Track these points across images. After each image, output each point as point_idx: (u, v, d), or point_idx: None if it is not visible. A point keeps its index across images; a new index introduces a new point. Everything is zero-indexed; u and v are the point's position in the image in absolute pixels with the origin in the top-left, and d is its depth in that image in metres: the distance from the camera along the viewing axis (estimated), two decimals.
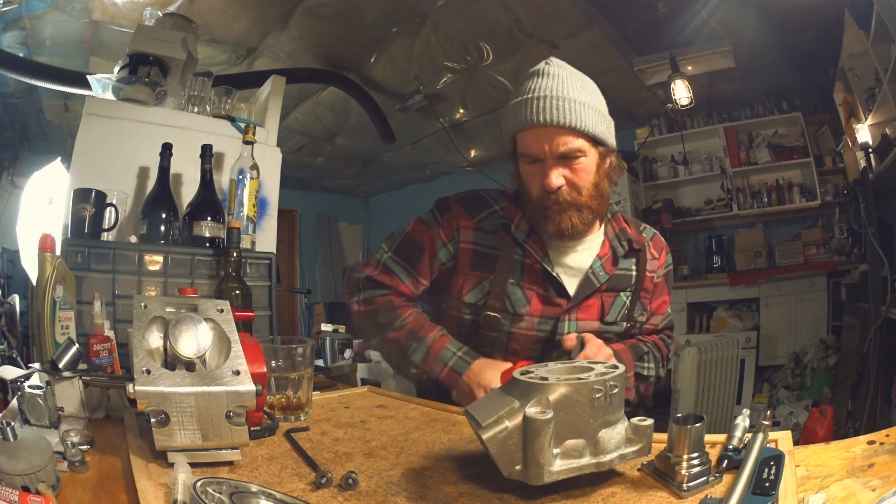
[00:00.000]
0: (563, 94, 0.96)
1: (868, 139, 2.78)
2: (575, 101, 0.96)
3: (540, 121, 0.95)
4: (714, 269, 3.93)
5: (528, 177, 1.03)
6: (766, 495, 0.50)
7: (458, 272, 1.08)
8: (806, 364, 3.32)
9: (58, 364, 0.70)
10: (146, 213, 1.32)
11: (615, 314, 1.09)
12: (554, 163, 0.98)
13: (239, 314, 0.77)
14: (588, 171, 1.01)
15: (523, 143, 1.01)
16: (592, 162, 1.01)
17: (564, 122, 0.95)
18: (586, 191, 1.01)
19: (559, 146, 0.97)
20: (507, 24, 2.83)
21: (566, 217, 1.01)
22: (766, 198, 3.83)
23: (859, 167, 3.01)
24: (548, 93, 0.96)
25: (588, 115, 0.97)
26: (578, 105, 0.96)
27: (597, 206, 1.03)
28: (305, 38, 2.90)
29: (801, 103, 3.69)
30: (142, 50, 1.50)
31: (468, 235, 1.08)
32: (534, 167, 1.01)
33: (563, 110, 0.95)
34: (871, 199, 2.95)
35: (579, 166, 0.99)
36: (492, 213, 1.09)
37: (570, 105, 0.96)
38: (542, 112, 0.95)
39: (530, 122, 0.96)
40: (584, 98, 0.98)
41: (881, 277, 2.73)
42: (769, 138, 3.79)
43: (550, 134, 0.96)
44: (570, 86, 0.98)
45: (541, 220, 1.03)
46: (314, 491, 0.57)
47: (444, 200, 1.13)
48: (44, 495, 0.50)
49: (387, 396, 1.03)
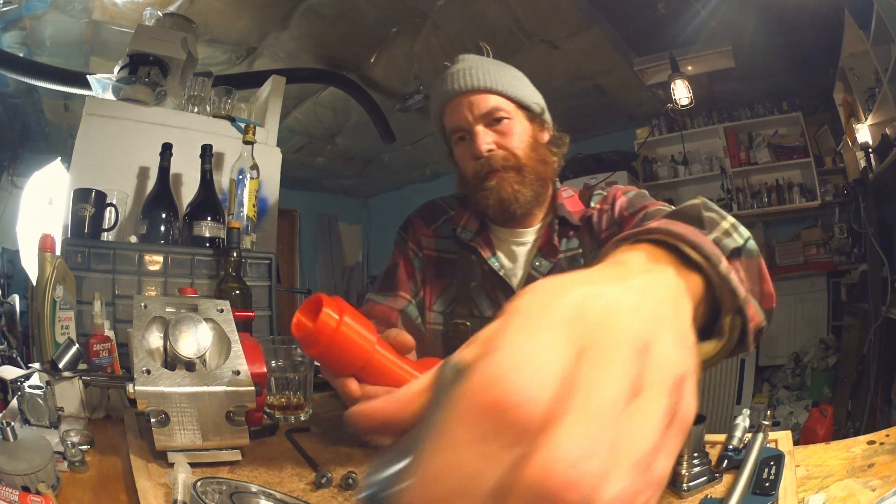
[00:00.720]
0: (474, 64, 0.98)
1: (868, 139, 2.78)
2: (488, 68, 0.98)
3: (456, 89, 0.97)
4: None
5: (461, 158, 1.01)
6: (766, 495, 0.50)
7: (427, 282, 1.06)
8: (806, 364, 3.32)
9: (58, 364, 0.70)
10: (146, 213, 1.32)
11: None
12: (480, 128, 0.96)
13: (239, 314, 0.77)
14: (518, 135, 0.97)
15: (448, 121, 1.00)
16: (522, 126, 0.98)
17: (479, 84, 0.96)
18: (522, 151, 0.96)
19: (478, 107, 0.96)
20: (507, 24, 2.83)
21: (506, 184, 0.95)
22: (766, 198, 3.83)
23: (859, 167, 3.01)
24: (459, 67, 0.99)
25: (503, 79, 0.97)
26: (492, 70, 0.97)
27: (541, 169, 0.98)
28: (305, 38, 2.90)
29: (801, 103, 3.69)
30: (142, 50, 1.50)
31: (429, 243, 1.07)
32: (465, 144, 0.99)
33: (475, 75, 0.96)
34: (871, 199, 2.94)
35: (507, 128, 0.97)
36: (447, 218, 1.08)
37: (482, 71, 0.97)
38: (456, 82, 0.97)
39: (448, 94, 0.98)
40: (499, 65, 0.99)
41: (881, 277, 2.73)
42: (769, 138, 3.79)
43: (469, 99, 0.96)
44: (480, 61, 1.00)
45: (482, 198, 0.97)
46: (314, 491, 0.57)
47: (406, 219, 1.14)
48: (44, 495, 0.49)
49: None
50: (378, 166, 5.21)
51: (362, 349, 0.56)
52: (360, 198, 6.29)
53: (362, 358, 0.57)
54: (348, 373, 0.58)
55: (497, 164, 0.96)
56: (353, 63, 3.21)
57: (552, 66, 3.15)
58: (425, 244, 1.07)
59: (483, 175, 0.97)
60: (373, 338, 0.58)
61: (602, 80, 3.44)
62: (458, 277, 1.02)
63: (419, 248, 1.08)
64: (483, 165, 0.96)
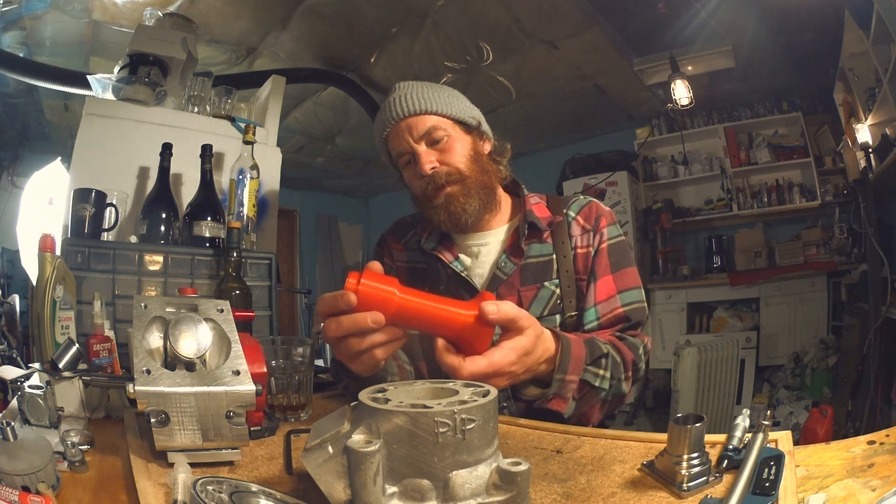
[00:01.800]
0: (408, 91, 1.03)
1: (868, 139, 2.78)
2: (421, 92, 1.03)
3: (394, 115, 1.02)
4: (714, 269, 3.93)
5: (409, 180, 1.06)
6: (766, 495, 0.50)
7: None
8: (806, 364, 3.32)
9: (58, 364, 0.70)
10: (146, 213, 1.32)
11: (539, 308, 0.99)
12: (422, 149, 1.01)
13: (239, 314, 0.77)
14: (458, 150, 1.02)
15: (392, 147, 1.06)
16: (461, 141, 1.03)
17: (414, 107, 1.01)
18: (464, 165, 1.01)
19: (417, 129, 1.01)
20: (507, 24, 2.83)
21: (453, 199, 1.00)
22: (766, 198, 3.83)
23: (859, 167, 3.01)
24: (393, 96, 1.04)
25: (437, 99, 1.02)
26: (425, 93, 1.03)
27: (484, 179, 1.03)
28: (305, 38, 2.90)
29: (801, 103, 3.69)
30: (142, 50, 1.50)
31: (400, 256, 1.14)
32: (410, 167, 1.04)
33: (410, 100, 1.02)
34: (871, 199, 2.95)
35: (446, 146, 1.02)
36: (414, 233, 1.14)
37: (416, 95, 1.02)
38: (391, 111, 1.03)
39: (388, 122, 1.04)
40: (429, 88, 1.04)
41: (881, 277, 2.73)
42: (769, 138, 3.80)
43: (407, 125, 1.02)
44: (415, 86, 1.05)
45: (434, 215, 1.02)
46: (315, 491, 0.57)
47: (381, 236, 1.20)
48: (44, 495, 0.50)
49: None
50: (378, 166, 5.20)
51: (385, 298, 0.68)
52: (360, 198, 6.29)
53: (390, 303, 0.68)
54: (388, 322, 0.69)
55: (441, 181, 1.01)
56: (353, 63, 3.21)
57: (552, 66, 3.15)
58: (397, 257, 1.15)
59: (430, 193, 1.02)
60: (392, 288, 0.69)
61: (602, 80, 3.44)
62: (428, 284, 1.07)
63: (392, 260, 1.15)
64: (429, 183, 1.01)
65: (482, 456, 0.46)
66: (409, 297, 0.70)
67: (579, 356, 0.82)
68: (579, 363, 0.82)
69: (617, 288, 1.00)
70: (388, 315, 0.69)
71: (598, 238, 1.02)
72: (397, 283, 0.70)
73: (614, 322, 0.98)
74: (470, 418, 0.45)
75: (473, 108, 1.08)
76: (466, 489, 0.45)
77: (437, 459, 0.45)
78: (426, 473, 0.45)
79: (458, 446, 0.45)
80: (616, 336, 0.95)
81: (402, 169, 1.07)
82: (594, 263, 1.01)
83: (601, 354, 0.86)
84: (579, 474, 0.59)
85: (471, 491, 0.45)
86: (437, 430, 0.44)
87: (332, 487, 0.47)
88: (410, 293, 0.70)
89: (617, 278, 1.00)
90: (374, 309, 0.68)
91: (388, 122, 1.03)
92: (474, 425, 0.45)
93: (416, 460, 0.45)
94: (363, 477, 0.43)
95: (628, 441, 0.69)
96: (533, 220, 1.03)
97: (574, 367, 0.81)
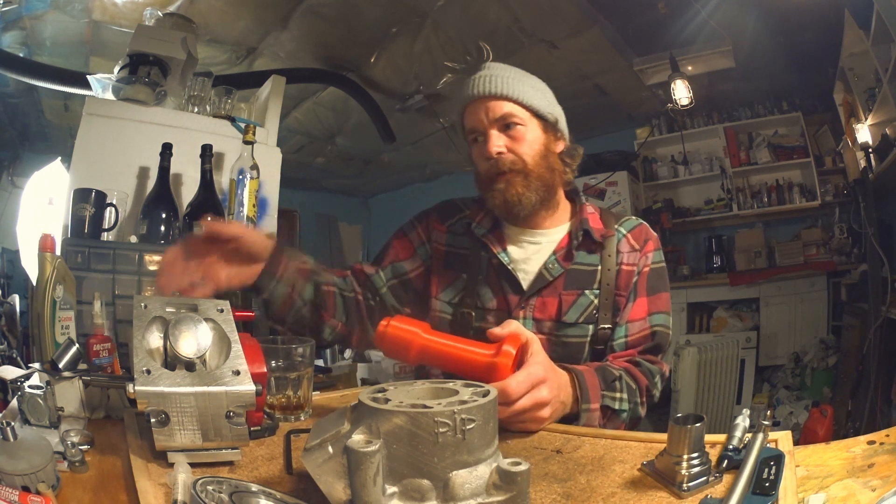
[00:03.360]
0: (496, 72, 1.04)
1: (868, 139, 2.78)
2: (508, 77, 1.03)
3: (475, 93, 1.03)
4: (714, 269, 3.93)
5: (475, 157, 1.07)
6: (766, 495, 0.50)
7: (433, 272, 1.11)
8: (806, 364, 3.32)
9: (58, 364, 0.70)
10: (146, 213, 1.32)
11: (576, 314, 1.01)
12: (493, 132, 1.02)
13: (239, 314, 0.77)
14: (529, 141, 1.03)
15: (467, 122, 1.07)
16: (534, 133, 1.04)
17: (496, 90, 1.02)
18: (530, 158, 1.02)
19: (494, 112, 1.02)
20: (507, 24, 2.83)
21: (511, 187, 1.01)
22: (766, 198, 3.83)
23: (859, 167, 3.02)
24: (482, 73, 1.05)
25: (521, 87, 1.03)
26: (512, 79, 1.03)
27: (548, 177, 1.04)
28: (305, 38, 2.90)
29: (801, 103, 3.69)
30: (142, 50, 1.50)
31: (440, 238, 1.13)
32: (479, 145, 1.05)
33: (494, 81, 1.02)
34: (871, 199, 2.95)
35: (518, 134, 1.02)
36: (462, 217, 1.13)
37: (501, 79, 1.03)
38: (475, 87, 1.03)
39: (468, 98, 1.04)
40: (519, 75, 1.05)
41: (881, 277, 2.73)
42: (769, 138, 3.80)
43: (485, 104, 1.02)
44: (502, 69, 1.05)
45: (490, 198, 1.04)
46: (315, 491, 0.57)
47: (424, 210, 1.19)
48: (44, 495, 0.50)
49: None
50: (378, 166, 5.21)
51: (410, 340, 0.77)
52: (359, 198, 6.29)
53: (415, 345, 0.76)
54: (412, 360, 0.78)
55: (504, 167, 1.02)
56: (353, 63, 3.21)
57: (552, 66, 3.15)
58: (436, 238, 1.13)
59: (492, 175, 1.03)
60: (418, 330, 0.77)
61: (602, 80, 3.43)
62: (469, 271, 1.07)
63: (428, 239, 1.13)
64: (492, 166, 1.03)
65: (482, 456, 0.46)
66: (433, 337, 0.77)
67: (594, 384, 0.86)
68: (596, 390, 0.86)
69: (649, 310, 1.03)
70: (413, 354, 0.77)
71: (644, 260, 1.05)
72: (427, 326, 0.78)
73: (640, 342, 1.01)
74: (470, 418, 0.45)
75: (555, 105, 1.09)
76: (466, 489, 0.45)
77: (437, 459, 0.44)
78: (426, 473, 0.45)
79: (458, 446, 0.45)
80: (633, 361, 0.98)
81: (471, 145, 1.08)
82: (638, 283, 1.04)
83: (613, 378, 0.90)
84: (579, 474, 0.59)
85: (471, 491, 0.45)
86: (437, 430, 0.44)
87: (332, 487, 0.46)
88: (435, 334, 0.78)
89: (651, 301, 1.03)
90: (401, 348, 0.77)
91: (469, 97, 1.04)
92: (474, 425, 0.45)
93: (416, 460, 0.45)
94: (363, 477, 0.43)
95: (628, 441, 0.69)
96: (587, 229, 1.05)
97: (594, 396, 0.85)
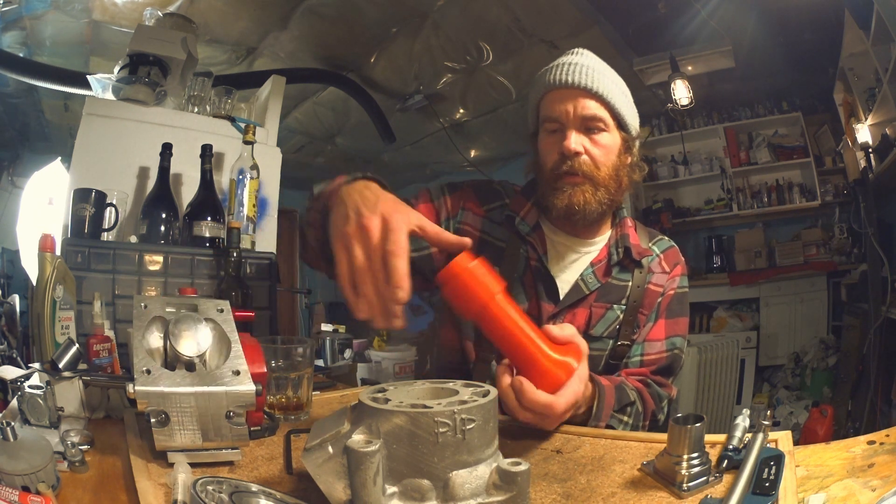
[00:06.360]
0: (592, 64, 0.96)
1: (868, 139, 2.78)
2: (603, 74, 0.96)
3: (566, 81, 0.94)
4: (714, 269, 3.93)
5: (546, 147, 0.99)
6: (766, 495, 0.50)
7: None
8: (806, 364, 3.32)
9: (58, 364, 0.70)
10: (146, 213, 1.32)
11: (602, 328, 0.99)
12: (575, 128, 0.95)
13: (239, 314, 0.77)
14: (608, 149, 0.97)
15: (546, 108, 0.98)
16: (614, 142, 0.97)
17: (591, 85, 0.94)
18: (605, 168, 0.96)
19: (582, 109, 0.95)
20: (507, 24, 2.83)
21: (579, 191, 0.95)
22: (766, 198, 3.83)
23: (859, 167, 3.01)
24: (577, 60, 0.96)
25: (614, 90, 0.96)
26: (606, 79, 0.95)
27: (614, 190, 0.98)
28: (305, 38, 2.90)
29: (801, 103, 3.68)
30: (142, 50, 1.50)
31: (475, 221, 1.04)
32: (554, 136, 0.97)
33: (590, 76, 0.94)
34: (871, 199, 2.95)
35: (600, 139, 0.96)
36: (502, 204, 1.06)
37: (598, 74, 0.95)
38: (568, 74, 0.95)
39: (556, 84, 0.95)
40: (613, 76, 0.98)
41: (881, 277, 2.73)
42: (769, 138, 3.79)
43: (575, 96, 0.95)
44: (597, 62, 0.98)
45: (551, 193, 0.97)
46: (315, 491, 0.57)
47: (457, 182, 1.09)
48: (44, 495, 0.49)
49: None
50: (378, 166, 5.20)
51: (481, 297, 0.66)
52: None
53: (484, 306, 0.66)
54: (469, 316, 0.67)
55: (579, 170, 0.95)
56: (353, 63, 3.21)
57: None
58: (470, 220, 1.05)
59: (561, 173, 0.96)
60: (497, 289, 0.67)
61: None
62: (505, 267, 1.00)
63: (454, 215, 1.05)
64: (564, 165, 0.96)
65: (482, 456, 0.46)
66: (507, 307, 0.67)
67: (610, 404, 0.84)
68: (609, 410, 0.84)
69: (667, 333, 1.01)
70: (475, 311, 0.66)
71: (671, 283, 1.04)
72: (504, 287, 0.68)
73: (655, 363, 1.00)
74: (470, 418, 0.45)
75: (637, 117, 1.02)
76: (466, 489, 0.45)
77: (437, 459, 0.44)
78: (426, 473, 0.45)
79: (458, 446, 0.45)
80: (644, 382, 0.97)
81: (542, 132, 1.00)
82: (662, 305, 1.02)
83: (628, 402, 0.89)
84: (579, 474, 0.59)
85: (471, 491, 0.45)
86: (437, 430, 0.44)
87: (332, 487, 0.46)
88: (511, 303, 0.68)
89: (670, 324, 1.02)
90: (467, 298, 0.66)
91: (556, 83, 0.95)
92: (474, 425, 0.45)
93: (416, 460, 0.45)
94: (363, 477, 0.43)
95: (628, 441, 0.69)
96: (628, 246, 1.01)
97: (605, 415, 0.83)
